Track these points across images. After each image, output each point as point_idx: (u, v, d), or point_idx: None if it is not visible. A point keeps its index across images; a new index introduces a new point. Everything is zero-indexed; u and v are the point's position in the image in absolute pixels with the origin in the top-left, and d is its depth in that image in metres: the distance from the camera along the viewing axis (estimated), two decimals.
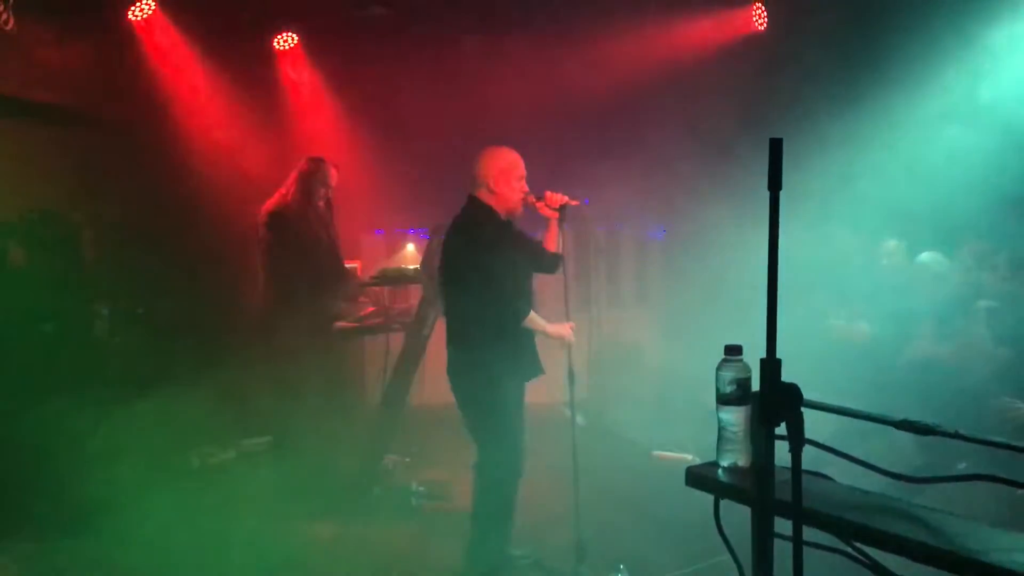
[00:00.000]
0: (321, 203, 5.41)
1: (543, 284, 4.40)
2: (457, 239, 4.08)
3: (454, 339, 4.10)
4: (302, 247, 5.28)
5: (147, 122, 6.27)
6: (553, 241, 4.29)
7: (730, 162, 6.10)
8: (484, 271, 3.91)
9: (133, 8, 6.10)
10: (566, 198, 4.15)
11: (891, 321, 5.28)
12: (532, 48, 6.61)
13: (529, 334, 4.07)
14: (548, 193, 4.14)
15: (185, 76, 6.48)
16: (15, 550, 4.44)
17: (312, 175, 5.38)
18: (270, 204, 5.37)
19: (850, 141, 5.94)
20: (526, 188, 4.10)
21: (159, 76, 6.37)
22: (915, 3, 5.89)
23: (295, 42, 7.03)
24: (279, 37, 6.99)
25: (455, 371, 4.09)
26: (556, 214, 4.18)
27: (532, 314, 3.99)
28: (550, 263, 4.30)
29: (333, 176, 5.45)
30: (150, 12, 6.15)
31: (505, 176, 4.05)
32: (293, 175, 5.40)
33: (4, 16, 5.12)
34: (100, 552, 4.37)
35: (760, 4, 6.75)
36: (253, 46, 6.88)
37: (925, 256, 5.47)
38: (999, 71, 5.63)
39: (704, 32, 6.81)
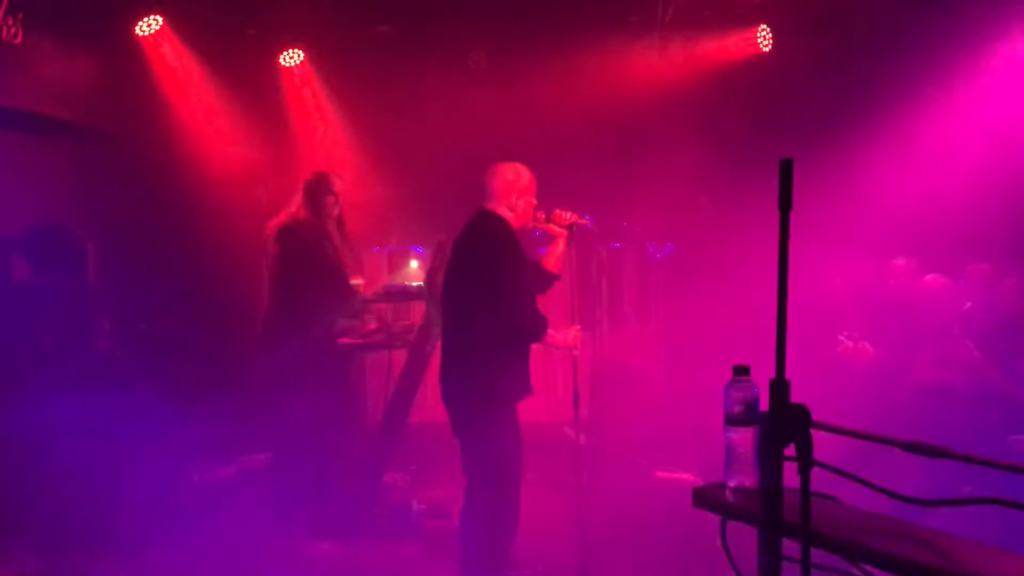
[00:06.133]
0: (336, 211, 5.34)
1: (547, 304, 4.38)
2: (477, 251, 3.96)
3: (457, 356, 4.02)
4: (313, 262, 5.24)
5: (153, 137, 6.29)
6: (556, 260, 4.23)
7: (737, 181, 6.11)
8: (504, 285, 3.83)
9: (140, 23, 6.13)
10: (575, 216, 4.11)
11: (896, 342, 5.27)
12: (537, 67, 6.63)
13: (527, 353, 4.03)
14: (557, 211, 4.11)
15: (191, 91, 6.51)
16: (16, 566, 4.42)
17: (318, 186, 5.32)
18: (281, 218, 5.33)
19: (857, 160, 5.95)
20: (535, 202, 4.07)
21: (165, 91, 6.40)
22: (921, 22, 5.92)
23: (301, 58, 7.06)
24: (285, 53, 7.02)
25: (453, 390, 4.01)
26: (564, 232, 4.15)
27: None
28: (545, 282, 4.25)
29: (338, 184, 5.38)
30: (157, 27, 6.18)
31: (523, 192, 4.00)
32: (300, 189, 5.36)
33: (12, 30, 5.14)
34: (99, 567, 4.35)
35: (765, 25, 6.77)
36: (259, 62, 6.91)
37: (931, 277, 5.47)
38: (1007, 89, 5.66)
39: (709, 53, 6.84)
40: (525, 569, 4.24)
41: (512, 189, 3.98)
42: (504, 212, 3.99)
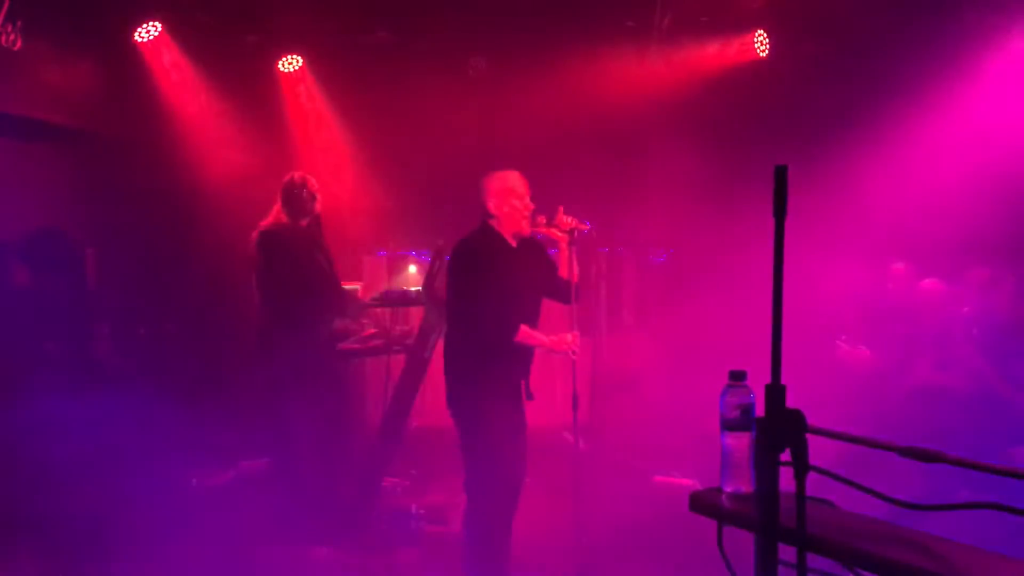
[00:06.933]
0: (315, 213, 5.29)
1: (548, 308, 4.38)
2: (456, 263, 4.10)
3: (447, 363, 4.11)
4: (298, 265, 5.21)
5: (151, 143, 6.29)
6: (564, 266, 4.26)
7: (735, 186, 6.11)
8: (478, 296, 3.92)
9: (139, 30, 6.13)
10: (576, 221, 4.14)
11: (894, 346, 5.27)
12: (536, 73, 6.64)
13: (523, 361, 4.05)
14: (557, 216, 4.14)
15: (190, 97, 6.51)
16: (16, 567, 4.42)
17: (295, 190, 5.26)
18: (262, 225, 5.31)
19: (854, 165, 5.96)
20: (531, 207, 4.09)
21: (164, 97, 6.40)
22: (918, 27, 5.93)
23: (300, 64, 7.05)
24: (284, 59, 7.01)
25: (451, 396, 4.08)
26: (566, 237, 4.18)
27: (525, 328, 3.96)
28: (566, 292, 4.26)
29: (315, 186, 5.33)
30: (156, 34, 6.18)
31: (504, 198, 4.04)
32: (278, 195, 5.31)
33: (11, 36, 5.15)
34: (97, 570, 4.35)
35: (762, 30, 6.78)
36: (258, 68, 6.91)
37: (929, 281, 5.47)
38: (1004, 94, 5.68)
39: (707, 58, 6.85)
40: (524, 573, 4.24)
41: (497, 195, 4.06)
42: (491, 221, 4.08)
